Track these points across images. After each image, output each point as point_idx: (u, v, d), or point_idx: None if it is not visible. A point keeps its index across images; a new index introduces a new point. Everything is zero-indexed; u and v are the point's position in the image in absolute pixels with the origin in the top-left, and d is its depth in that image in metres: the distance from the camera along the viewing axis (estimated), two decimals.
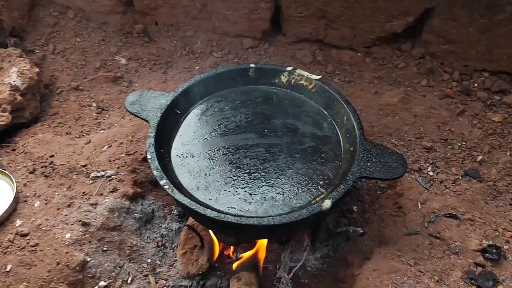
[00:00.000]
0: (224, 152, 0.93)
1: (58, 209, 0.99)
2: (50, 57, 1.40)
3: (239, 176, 0.89)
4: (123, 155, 1.10)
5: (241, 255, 1.04)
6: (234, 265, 1.00)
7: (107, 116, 1.25)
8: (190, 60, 1.39)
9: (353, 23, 1.27)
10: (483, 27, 1.17)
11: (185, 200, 0.80)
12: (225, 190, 0.87)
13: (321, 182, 0.88)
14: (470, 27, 1.18)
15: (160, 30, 1.44)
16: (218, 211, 0.81)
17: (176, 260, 1.04)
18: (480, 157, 1.11)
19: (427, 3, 1.17)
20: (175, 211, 1.12)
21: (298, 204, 0.84)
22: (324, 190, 0.86)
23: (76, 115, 1.25)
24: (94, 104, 1.28)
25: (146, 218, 1.07)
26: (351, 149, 0.90)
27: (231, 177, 0.89)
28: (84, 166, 1.08)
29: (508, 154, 1.12)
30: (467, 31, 1.19)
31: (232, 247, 1.06)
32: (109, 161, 1.09)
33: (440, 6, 1.17)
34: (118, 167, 1.08)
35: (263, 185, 0.87)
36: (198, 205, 0.79)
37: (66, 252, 0.92)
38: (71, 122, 1.24)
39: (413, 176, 1.09)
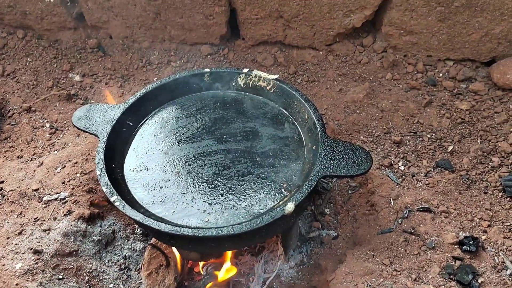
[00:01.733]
0: (181, 162, 0.88)
1: (8, 238, 0.92)
2: (0, 79, 1.32)
3: (197, 186, 0.83)
4: (78, 175, 1.04)
5: (213, 272, 0.98)
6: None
7: (61, 136, 1.18)
8: (147, 71, 1.34)
9: (312, 21, 1.24)
10: (441, 16, 1.15)
11: (137, 216, 0.74)
12: (183, 203, 0.81)
13: (284, 185, 0.83)
14: (429, 17, 1.16)
15: (114, 44, 1.38)
16: (175, 224, 0.75)
17: (141, 282, 0.97)
18: (450, 147, 1.08)
19: None
20: (139, 229, 1.05)
21: (261, 211, 0.79)
22: (287, 193, 0.81)
23: (28, 137, 1.18)
24: (48, 125, 1.21)
25: (106, 240, 1.00)
26: (314, 148, 0.86)
27: (188, 188, 0.83)
28: (36, 190, 1.01)
29: (478, 141, 1.09)
30: (426, 21, 1.17)
31: (201, 262, 1.00)
32: (63, 183, 1.02)
33: None
34: (73, 188, 1.01)
35: (223, 194, 0.82)
36: (152, 220, 0.73)
37: (17, 284, 0.84)
38: (23, 145, 1.16)
39: (384, 172, 1.05)
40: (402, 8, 1.16)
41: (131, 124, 0.95)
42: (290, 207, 0.73)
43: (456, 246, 0.86)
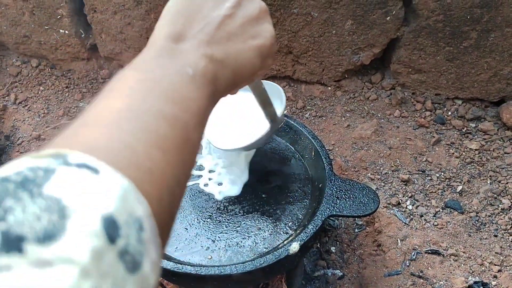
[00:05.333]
0: (185, 197, 0.87)
1: None
2: (11, 107, 1.35)
3: (201, 222, 0.82)
4: None
5: None
6: None
7: None
8: None
9: (321, 57, 1.25)
10: (450, 55, 1.15)
11: None
12: (186, 239, 0.80)
13: (289, 223, 0.82)
14: (437, 56, 1.16)
15: None
16: (178, 261, 0.74)
17: None
18: (460, 187, 1.06)
19: (392, 34, 1.16)
20: None
21: (265, 249, 0.77)
22: (293, 232, 0.80)
23: None
24: None
25: None
26: (320, 186, 0.85)
27: (192, 223, 0.82)
28: None
29: (488, 182, 1.07)
30: (435, 60, 1.18)
31: None
32: None
33: (405, 36, 1.16)
34: None
35: (227, 231, 0.81)
36: None
37: None
38: None
39: (391, 211, 1.04)
40: (411, 47, 1.17)
41: None
42: (295, 247, 0.72)
43: None
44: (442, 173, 1.10)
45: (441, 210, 1.02)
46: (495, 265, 0.89)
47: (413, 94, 1.27)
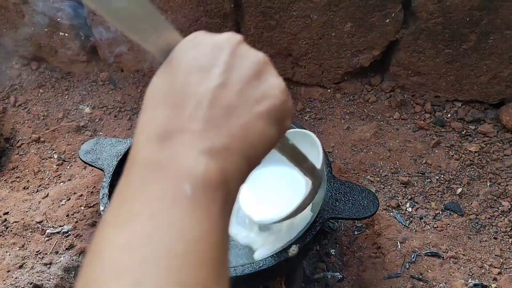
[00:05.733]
0: None
1: (9, 271, 0.91)
2: (11, 109, 1.35)
3: None
4: (82, 208, 1.03)
5: None
6: None
7: (68, 167, 1.19)
8: None
9: (320, 60, 1.25)
10: (449, 58, 1.15)
11: None
12: None
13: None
14: (437, 58, 1.16)
15: (125, 77, 1.41)
16: None
17: None
18: (459, 190, 1.06)
19: (391, 36, 1.16)
20: None
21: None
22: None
23: (35, 168, 1.19)
24: (55, 156, 1.22)
25: None
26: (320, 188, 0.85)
27: None
28: (39, 222, 1.01)
29: (488, 184, 1.07)
30: (434, 63, 1.18)
31: None
32: (67, 216, 1.02)
33: (405, 39, 1.16)
34: (76, 221, 1.01)
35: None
36: None
37: None
38: (30, 176, 1.17)
39: (391, 213, 1.04)
40: (410, 49, 1.17)
41: None
42: (294, 249, 0.72)
43: None
44: (442, 175, 1.10)
45: (440, 213, 1.02)
46: (495, 267, 0.89)
47: (413, 96, 1.27)
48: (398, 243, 0.96)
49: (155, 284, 0.23)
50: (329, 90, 1.32)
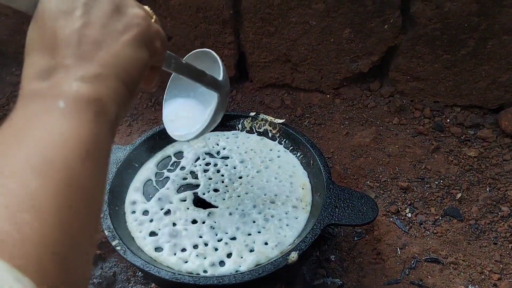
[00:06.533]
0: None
1: None
2: None
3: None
4: None
5: None
6: None
7: None
8: (156, 111, 1.35)
9: (319, 65, 1.25)
10: (448, 63, 1.16)
11: (138, 262, 0.73)
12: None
13: (290, 233, 0.82)
14: (435, 64, 1.17)
15: None
16: (177, 272, 0.74)
17: None
18: (459, 195, 1.06)
19: (390, 42, 1.16)
20: (139, 273, 1.03)
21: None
22: (292, 241, 0.80)
23: None
24: None
25: (106, 283, 0.98)
26: (318, 194, 0.85)
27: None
28: None
29: (487, 190, 1.07)
30: (433, 68, 1.18)
31: None
32: None
33: (403, 44, 1.16)
34: None
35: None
36: (152, 267, 0.72)
37: None
38: None
39: (391, 219, 1.03)
40: (409, 55, 1.17)
41: (137, 165, 0.95)
42: (293, 256, 0.72)
43: None
44: (441, 181, 1.10)
45: (440, 218, 1.02)
46: (495, 273, 0.89)
47: (412, 101, 1.27)
48: (398, 249, 0.96)
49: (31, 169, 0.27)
50: (328, 96, 1.32)
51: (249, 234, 0.80)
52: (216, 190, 0.88)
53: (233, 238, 0.80)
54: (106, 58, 0.35)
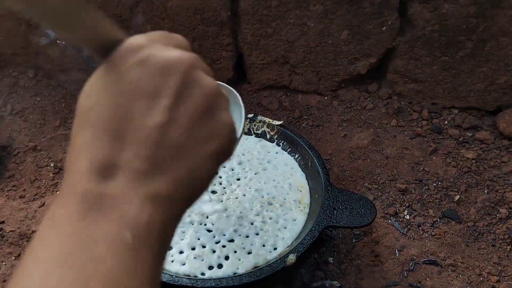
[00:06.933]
0: None
1: (4, 281, 0.90)
2: (8, 118, 1.34)
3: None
4: None
5: None
6: None
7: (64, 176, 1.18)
8: None
9: (317, 67, 1.25)
10: (446, 65, 1.16)
11: None
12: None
13: (288, 235, 0.82)
14: (433, 65, 1.17)
15: None
16: (174, 274, 0.74)
17: None
18: (457, 197, 1.06)
19: (388, 44, 1.16)
20: None
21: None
22: (290, 243, 0.80)
23: (32, 176, 1.18)
24: (52, 164, 1.22)
25: None
26: (317, 196, 0.85)
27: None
28: (35, 231, 1.00)
29: (485, 192, 1.07)
30: (430, 70, 1.18)
31: None
32: None
33: (401, 46, 1.16)
34: None
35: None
36: None
37: None
38: (26, 185, 1.16)
39: (389, 221, 1.03)
40: (407, 57, 1.17)
41: None
42: (291, 258, 0.72)
43: None
44: (439, 183, 1.10)
45: (438, 220, 1.02)
46: (494, 275, 0.89)
47: (410, 103, 1.27)
48: (396, 251, 0.95)
49: None
50: (326, 98, 1.32)
51: (247, 236, 0.80)
52: (213, 192, 0.88)
53: (231, 240, 0.80)
54: (182, 174, 0.29)
